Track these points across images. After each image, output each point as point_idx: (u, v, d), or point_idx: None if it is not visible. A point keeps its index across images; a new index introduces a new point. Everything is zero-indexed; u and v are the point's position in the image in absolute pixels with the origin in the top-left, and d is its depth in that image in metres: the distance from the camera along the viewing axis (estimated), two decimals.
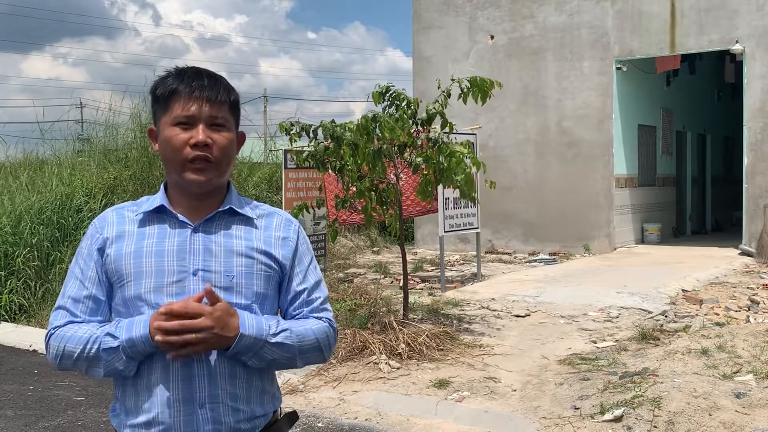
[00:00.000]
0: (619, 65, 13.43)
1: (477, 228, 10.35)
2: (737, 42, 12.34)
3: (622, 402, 4.79)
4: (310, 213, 7.97)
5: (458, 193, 7.04)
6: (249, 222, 1.91)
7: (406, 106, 6.76)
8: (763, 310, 7.75)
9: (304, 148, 7.86)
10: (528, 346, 6.66)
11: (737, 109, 13.28)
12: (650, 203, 15.05)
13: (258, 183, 13.96)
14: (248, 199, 1.99)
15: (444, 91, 6.80)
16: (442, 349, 6.33)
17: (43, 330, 7.39)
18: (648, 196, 14.96)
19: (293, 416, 2.01)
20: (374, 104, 6.79)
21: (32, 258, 8.85)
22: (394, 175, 7.11)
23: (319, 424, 4.97)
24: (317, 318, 1.91)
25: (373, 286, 9.09)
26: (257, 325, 1.77)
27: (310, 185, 9.87)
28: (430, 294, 9.17)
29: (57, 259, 9.02)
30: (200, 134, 1.80)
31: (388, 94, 6.79)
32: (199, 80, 1.83)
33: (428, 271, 11.61)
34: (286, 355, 1.82)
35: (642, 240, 14.61)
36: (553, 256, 13.14)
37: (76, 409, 5.47)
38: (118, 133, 13.04)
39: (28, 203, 9.55)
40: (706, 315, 7.50)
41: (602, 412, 4.69)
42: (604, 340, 6.73)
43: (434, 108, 6.81)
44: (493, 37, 14.63)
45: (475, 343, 6.68)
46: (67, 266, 8.73)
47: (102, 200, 10.23)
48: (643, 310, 7.89)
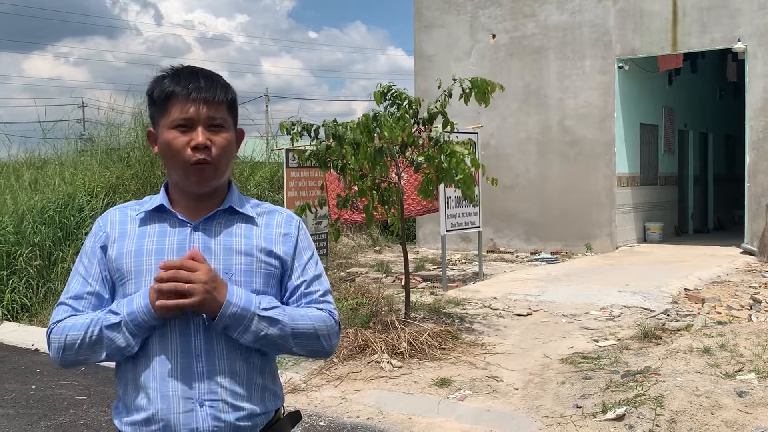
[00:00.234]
0: (621, 64, 13.42)
1: (479, 227, 10.35)
2: (739, 41, 12.32)
3: (624, 401, 4.79)
4: (312, 213, 7.98)
5: (460, 192, 7.04)
6: (249, 220, 1.91)
7: (407, 105, 6.76)
8: (765, 309, 7.75)
9: (306, 148, 7.86)
10: (530, 345, 6.66)
11: (739, 108, 13.26)
12: (652, 202, 15.03)
13: (260, 182, 13.96)
14: (249, 198, 1.99)
15: (445, 91, 6.79)
16: (443, 348, 6.33)
17: (46, 329, 7.40)
18: (650, 195, 14.94)
19: (296, 416, 2.01)
20: (376, 104, 6.80)
21: (34, 257, 8.86)
22: (395, 174, 7.11)
23: (321, 423, 4.97)
24: (317, 308, 1.91)
25: (374, 285, 9.09)
26: (246, 297, 1.77)
27: (311, 184, 9.86)
28: (432, 293, 9.17)
29: (59, 259, 9.02)
30: (199, 136, 1.80)
31: (389, 94, 6.79)
32: (195, 81, 1.83)
33: (430, 270, 11.61)
34: (279, 333, 1.80)
35: (644, 239, 14.59)
36: (555, 255, 13.13)
37: (78, 408, 5.47)
38: (120, 133, 13.05)
39: (30, 203, 9.56)
40: (708, 314, 7.49)
41: (604, 411, 4.69)
42: (606, 339, 6.73)
43: (435, 107, 6.81)
44: (494, 35, 14.62)
45: (477, 342, 6.68)
46: (69, 265, 8.76)
47: (104, 199, 10.24)
48: (645, 309, 7.89)
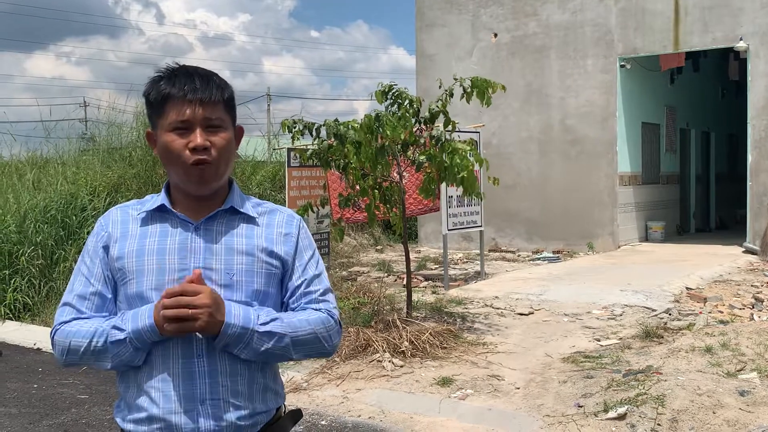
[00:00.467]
0: (622, 63, 13.40)
1: (480, 226, 10.35)
2: (741, 40, 12.30)
3: (625, 400, 4.78)
4: (314, 212, 7.98)
5: (461, 191, 7.04)
6: (251, 220, 1.91)
7: (408, 104, 6.76)
8: (767, 308, 7.74)
9: (308, 147, 7.86)
10: (531, 344, 6.66)
11: (741, 107, 13.24)
12: (654, 201, 15.02)
13: (261, 181, 13.97)
14: (251, 197, 1.99)
15: (446, 90, 6.79)
16: (445, 347, 6.34)
17: (48, 328, 7.41)
18: (652, 194, 14.93)
19: (297, 414, 2.01)
20: (377, 103, 6.80)
21: (36, 257, 8.87)
22: (397, 174, 7.11)
23: (323, 422, 4.97)
24: (315, 309, 1.90)
25: (376, 285, 9.09)
26: (244, 314, 1.78)
27: (313, 183, 9.87)
28: (434, 292, 9.17)
29: (61, 258, 9.03)
30: (197, 138, 1.80)
31: (390, 93, 6.79)
32: (191, 83, 1.81)
33: (432, 269, 11.61)
34: (279, 345, 1.81)
35: (646, 238, 14.58)
36: (557, 254, 13.13)
37: (80, 407, 5.48)
38: (121, 132, 13.07)
39: (33, 202, 9.58)
40: (710, 313, 7.49)
41: (606, 410, 4.69)
42: (608, 338, 6.73)
43: (437, 107, 6.81)
44: (496, 35, 14.61)
45: (479, 341, 6.68)
46: (72, 265, 8.77)
47: (106, 199, 10.25)
48: (646, 308, 7.88)
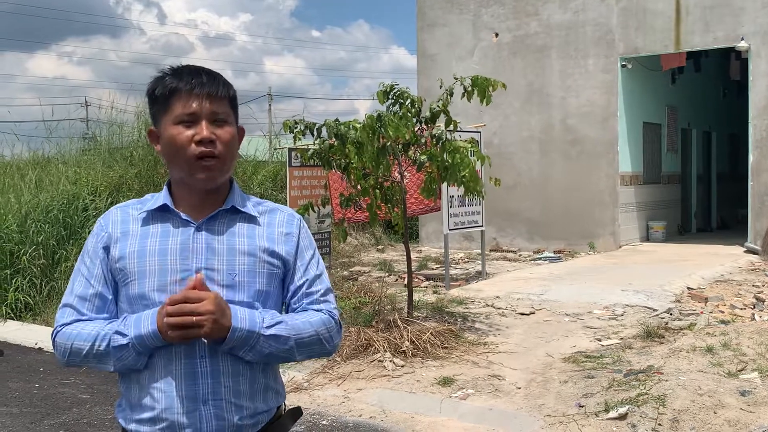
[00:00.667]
0: (624, 63, 13.39)
1: (481, 226, 10.35)
2: (742, 39, 12.29)
3: (626, 400, 4.78)
4: (315, 212, 7.98)
5: (463, 191, 7.03)
6: (252, 220, 1.92)
7: (409, 104, 6.76)
8: None
9: (309, 147, 7.86)
10: (532, 344, 6.65)
11: (743, 107, 13.24)
12: (655, 201, 15.01)
13: (263, 181, 13.98)
14: (251, 197, 1.99)
15: (447, 90, 6.79)
16: (446, 347, 6.34)
17: (49, 328, 7.42)
18: (653, 194, 14.93)
19: (297, 412, 2.02)
20: (379, 103, 6.80)
21: (38, 256, 8.88)
22: (398, 173, 7.11)
23: (324, 422, 4.98)
24: (317, 310, 1.91)
25: (377, 284, 9.09)
26: (249, 317, 1.77)
27: (314, 183, 9.87)
28: (435, 292, 9.17)
29: (63, 258, 9.04)
30: (204, 130, 1.81)
31: (392, 93, 6.79)
32: (197, 77, 1.84)
33: (433, 269, 11.61)
34: (283, 347, 1.81)
35: (647, 238, 14.57)
36: (558, 254, 13.13)
37: (81, 407, 5.49)
38: (122, 132, 13.08)
39: (34, 201, 9.58)
40: (711, 313, 7.48)
41: (607, 410, 4.69)
42: (609, 338, 6.73)
43: (437, 106, 6.81)
44: (497, 34, 14.61)
45: (480, 341, 6.68)
46: (73, 264, 8.78)
47: (107, 199, 10.26)
48: (648, 308, 7.88)
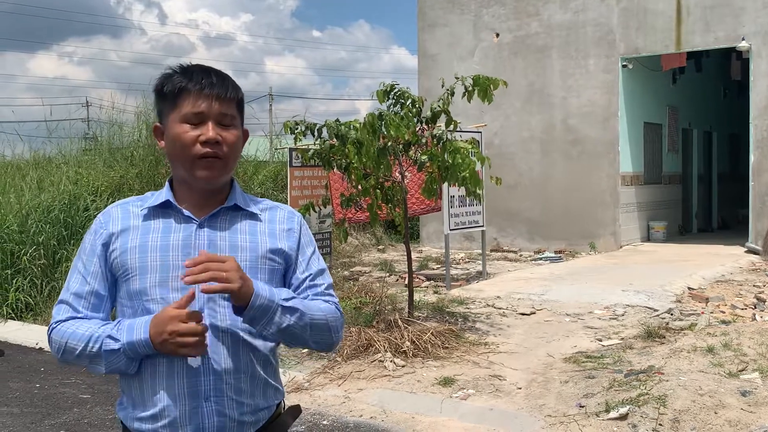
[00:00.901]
0: (624, 63, 13.39)
1: (482, 226, 10.34)
2: (743, 39, 12.28)
3: (627, 400, 4.78)
4: (316, 212, 7.98)
5: (464, 191, 7.03)
6: (253, 217, 1.93)
7: (410, 104, 6.76)
8: None
9: (310, 147, 7.87)
10: (533, 344, 6.65)
11: (743, 107, 13.23)
12: (656, 201, 15.01)
13: (263, 181, 13.99)
14: (251, 196, 2.01)
15: (448, 90, 6.79)
16: (447, 347, 6.34)
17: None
18: (654, 194, 14.92)
19: (296, 409, 2.04)
20: (379, 102, 6.79)
21: (38, 256, 8.88)
22: (399, 173, 7.11)
23: (325, 422, 4.98)
24: (324, 300, 1.93)
25: (378, 284, 9.09)
26: (269, 289, 1.79)
27: (315, 183, 9.87)
28: (436, 292, 9.16)
29: (63, 258, 9.04)
30: (210, 131, 1.82)
31: (392, 93, 6.79)
32: (207, 78, 1.85)
33: (433, 269, 11.61)
34: (299, 324, 1.82)
35: (648, 238, 14.57)
36: (559, 254, 13.12)
37: (82, 407, 5.49)
38: (123, 132, 13.08)
39: (35, 202, 9.58)
40: (711, 313, 7.48)
41: (607, 410, 4.69)
42: (610, 338, 6.72)
43: (438, 106, 6.81)
44: (498, 34, 14.60)
45: (480, 341, 6.68)
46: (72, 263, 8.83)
47: (108, 199, 10.26)
48: (648, 308, 7.88)
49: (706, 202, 17.53)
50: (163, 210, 1.89)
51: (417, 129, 6.94)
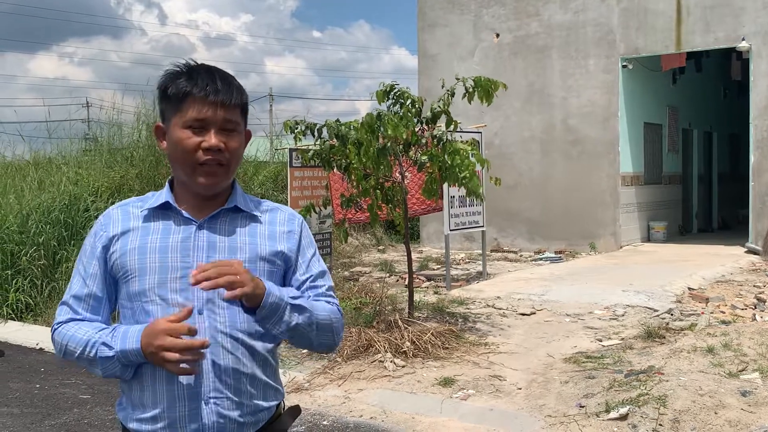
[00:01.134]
0: (624, 63, 13.39)
1: (482, 226, 10.35)
2: (743, 39, 12.29)
3: (627, 400, 4.78)
4: (316, 213, 7.99)
5: (464, 192, 7.04)
6: (253, 218, 1.93)
7: (410, 104, 6.76)
8: None
9: (310, 147, 7.87)
10: (533, 344, 6.65)
11: (743, 107, 13.23)
12: (656, 201, 15.01)
13: (264, 182, 13.99)
14: (252, 197, 2.01)
15: (448, 90, 6.79)
16: (447, 348, 6.34)
17: (50, 328, 7.42)
18: (654, 194, 14.92)
19: (296, 410, 2.04)
20: (378, 103, 6.79)
21: (38, 257, 8.88)
22: (399, 174, 7.11)
23: (325, 422, 4.98)
24: (326, 301, 1.94)
25: (378, 285, 9.09)
26: (278, 288, 1.81)
27: (315, 184, 9.87)
28: (436, 292, 9.17)
29: (63, 258, 9.04)
30: (213, 139, 1.81)
31: (392, 93, 6.79)
32: (213, 83, 1.82)
33: (433, 269, 11.61)
34: (307, 322, 1.83)
35: (648, 238, 14.57)
36: (559, 255, 13.12)
37: (82, 408, 5.49)
38: (122, 132, 13.08)
39: (35, 202, 9.58)
40: (712, 313, 7.48)
41: (607, 411, 4.69)
42: (610, 338, 6.73)
43: (438, 106, 6.81)
44: (498, 35, 14.61)
45: (481, 341, 6.68)
46: (73, 265, 8.86)
47: (108, 199, 10.26)
48: (648, 308, 7.88)
49: (706, 202, 17.53)
50: (162, 211, 1.89)
51: (417, 129, 6.94)
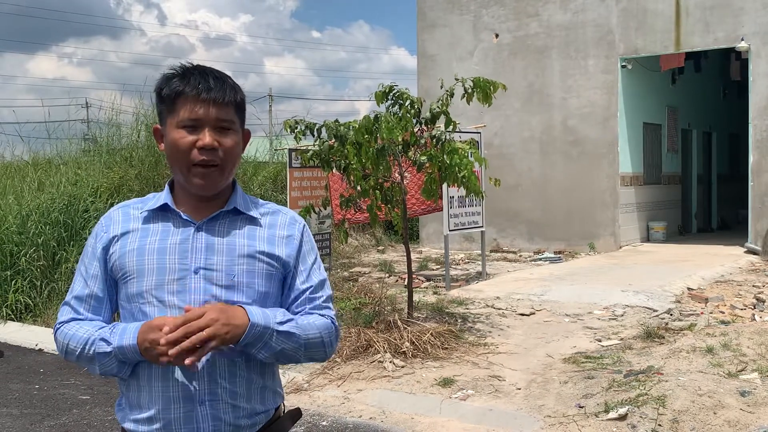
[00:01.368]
0: (624, 63, 13.40)
1: (482, 226, 10.35)
2: (743, 40, 12.29)
3: (626, 400, 4.79)
4: (316, 213, 7.99)
5: (463, 192, 7.04)
6: (253, 221, 1.92)
7: (409, 105, 6.76)
8: None
9: (309, 147, 7.87)
10: (533, 344, 6.66)
11: (743, 107, 13.23)
12: (656, 201, 15.02)
13: (263, 182, 13.99)
14: (253, 198, 2.00)
15: (447, 91, 6.79)
16: (446, 348, 6.34)
17: (49, 329, 7.43)
18: (653, 194, 14.93)
19: (296, 413, 2.03)
20: (377, 104, 6.79)
21: (38, 257, 8.88)
22: (398, 174, 7.11)
23: (324, 423, 4.98)
24: (321, 315, 1.92)
25: (377, 285, 9.09)
26: (263, 314, 1.78)
27: (315, 184, 9.88)
28: (435, 293, 9.17)
29: (63, 259, 9.04)
30: (206, 138, 1.81)
31: (391, 94, 6.79)
32: (205, 82, 1.82)
33: (433, 269, 11.61)
34: (293, 346, 1.82)
35: (647, 238, 14.57)
36: (558, 255, 13.12)
37: (81, 408, 5.49)
38: (121, 133, 13.07)
39: (35, 203, 9.58)
40: (711, 313, 7.48)
41: (607, 411, 4.69)
42: (609, 338, 6.73)
43: (438, 107, 6.81)
44: (497, 35, 14.61)
45: (480, 341, 6.68)
46: (73, 266, 8.82)
47: (108, 200, 10.25)
48: (648, 308, 7.88)
49: (705, 202, 17.53)
50: (162, 213, 1.89)
51: (416, 130, 6.94)
